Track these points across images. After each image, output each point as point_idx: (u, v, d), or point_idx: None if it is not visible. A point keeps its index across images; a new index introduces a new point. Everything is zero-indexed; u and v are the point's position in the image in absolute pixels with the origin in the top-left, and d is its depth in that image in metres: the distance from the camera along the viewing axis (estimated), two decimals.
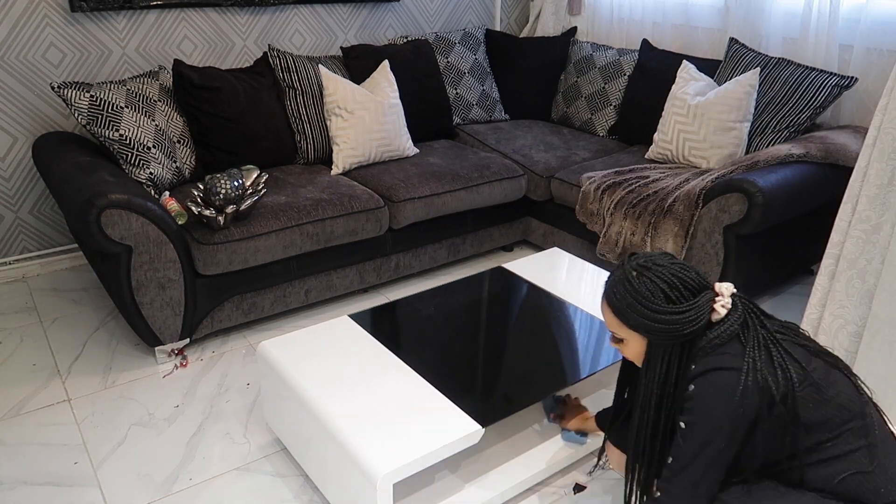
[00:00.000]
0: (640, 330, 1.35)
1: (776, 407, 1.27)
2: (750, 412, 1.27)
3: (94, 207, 2.11)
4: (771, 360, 1.29)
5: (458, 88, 3.62)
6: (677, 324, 1.31)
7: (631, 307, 1.34)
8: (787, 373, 1.28)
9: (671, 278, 1.32)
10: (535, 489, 1.92)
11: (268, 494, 1.90)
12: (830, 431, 1.29)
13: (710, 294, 1.34)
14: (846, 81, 2.67)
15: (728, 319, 1.33)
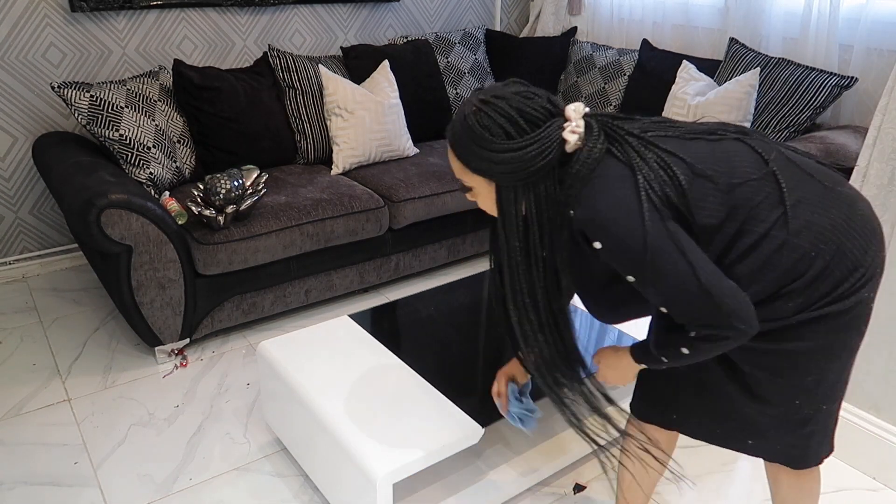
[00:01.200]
0: (485, 174, 1.19)
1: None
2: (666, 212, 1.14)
3: (94, 207, 2.11)
4: (654, 167, 1.15)
5: (458, 88, 3.62)
6: (520, 161, 1.14)
7: (468, 148, 1.17)
8: (672, 173, 1.15)
9: (509, 111, 1.14)
10: (535, 489, 1.92)
11: (268, 494, 1.90)
12: (740, 218, 1.17)
13: (558, 121, 1.16)
14: (846, 81, 2.67)
15: (588, 143, 1.16)
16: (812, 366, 1.24)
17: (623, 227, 1.13)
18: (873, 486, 1.96)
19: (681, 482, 1.95)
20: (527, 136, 1.15)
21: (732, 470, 2.01)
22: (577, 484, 1.94)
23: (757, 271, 1.18)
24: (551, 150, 1.15)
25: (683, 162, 1.17)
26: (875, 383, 1.95)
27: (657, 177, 1.15)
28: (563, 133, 1.16)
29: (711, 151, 1.20)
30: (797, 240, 1.16)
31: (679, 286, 1.13)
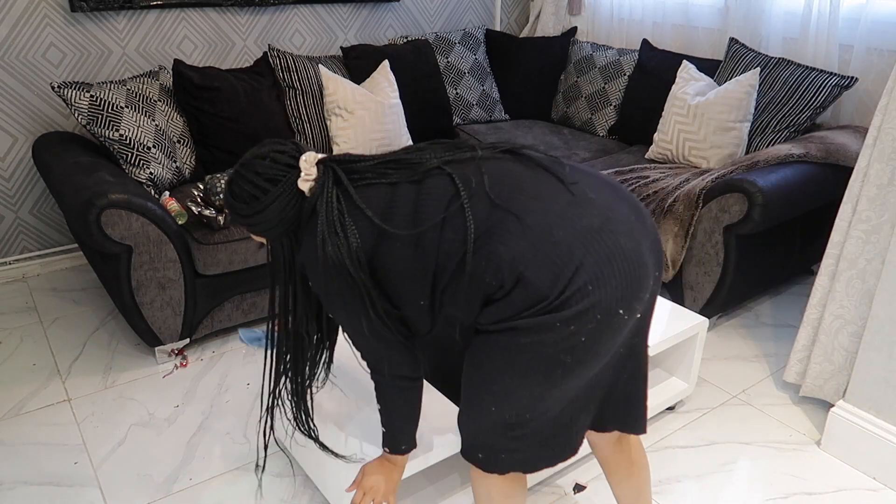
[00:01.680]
0: (260, 235, 1.33)
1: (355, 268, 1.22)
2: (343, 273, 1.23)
3: (94, 207, 2.11)
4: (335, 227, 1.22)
5: (458, 88, 3.62)
6: (273, 215, 1.26)
7: (237, 219, 1.32)
8: (345, 235, 1.22)
9: (251, 176, 1.26)
10: (535, 489, 1.92)
11: (268, 494, 1.90)
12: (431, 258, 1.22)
13: (295, 172, 1.26)
14: (846, 81, 2.67)
15: (325, 186, 1.25)
16: (495, 376, 1.25)
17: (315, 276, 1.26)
18: (873, 486, 1.96)
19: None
20: (269, 194, 1.25)
21: (732, 470, 2.01)
22: (577, 484, 1.94)
23: (459, 303, 1.23)
24: (293, 200, 1.26)
25: (370, 220, 1.23)
26: (875, 383, 1.95)
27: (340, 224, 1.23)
28: (299, 184, 1.25)
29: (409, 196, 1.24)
30: (477, 271, 1.19)
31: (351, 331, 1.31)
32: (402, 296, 1.27)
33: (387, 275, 1.25)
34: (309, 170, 1.25)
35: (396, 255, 1.23)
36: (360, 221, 1.23)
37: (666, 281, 2.64)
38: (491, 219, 1.19)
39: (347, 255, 1.21)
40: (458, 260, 1.20)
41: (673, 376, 2.26)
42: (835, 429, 2.05)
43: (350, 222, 1.23)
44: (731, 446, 2.10)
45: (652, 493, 1.92)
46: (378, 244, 1.23)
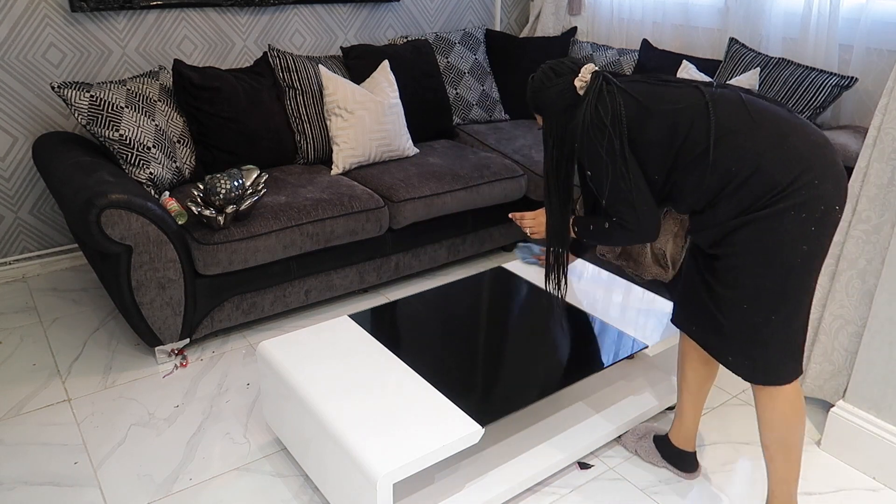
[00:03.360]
0: (538, 111, 1.75)
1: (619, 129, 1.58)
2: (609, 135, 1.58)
3: (94, 207, 2.11)
4: (604, 99, 1.60)
5: (458, 88, 3.62)
6: (550, 97, 1.69)
7: (529, 96, 1.76)
8: (615, 103, 1.58)
9: (548, 68, 1.71)
10: (535, 489, 1.92)
11: (268, 494, 1.90)
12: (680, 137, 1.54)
13: (573, 75, 1.67)
14: (846, 81, 2.67)
15: (590, 90, 1.64)
16: (747, 272, 1.52)
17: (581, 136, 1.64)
18: (873, 486, 1.96)
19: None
20: (552, 81, 1.69)
21: (732, 470, 2.01)
22: (582, 462, 1.95)
23: (696, 184, 1.54)
24: (567, 92, 1.68)
25: (634, 98, 1.59)
26: (875, 383, 1.95)
27: (602, 104, 1.60)
28: (574, 83, 1.67)
29: (668, 91, 1.60)
30: (723, 159, 1.50)
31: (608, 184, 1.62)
32: (643, 164, 1.60)
33: (638, 144, 1.58)
34: (584, 75, 1.66)
35: (652, 128, 1.56)
36: (626, 98, 1.59)
37: (666, 281, 2.64)
38: (737, 121, 1.51)
39: (612, 117, 1.57)
40: (702, 149, 1.51)
41: (673, 376, 2.26)
42: (835, 429, 2.05)
43: (617, 96, 1.59)
44: (731, 446, 2.10)
45: (652, 493, 1.92)
46: (637, 115, 1.57)
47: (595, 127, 1.59)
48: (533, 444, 1.95)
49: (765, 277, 1.51)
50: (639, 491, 1.93)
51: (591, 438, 1.98)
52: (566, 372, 1.87)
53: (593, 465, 1.99)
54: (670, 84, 1.62)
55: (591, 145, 1.61)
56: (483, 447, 1.93)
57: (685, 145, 1.53)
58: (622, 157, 1.57)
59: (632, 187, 1.59)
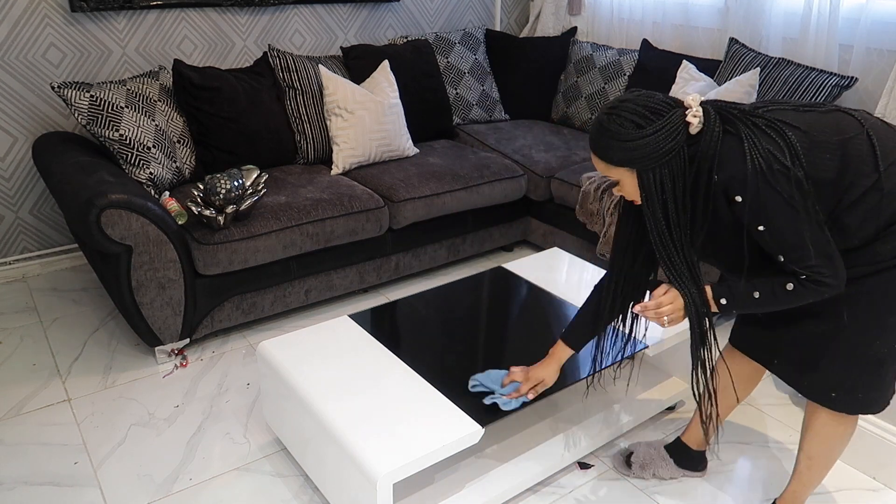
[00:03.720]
0: (625, 164, 1.40)
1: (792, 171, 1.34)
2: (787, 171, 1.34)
3: (94, 207, 2.11)
4: (766, 134, 1.36)
5: (458, 88, 3.62)
6: (653, 144, 1.36)
7: (610, 147, 1.39)
8: (784, 135, 1.36)
9: (636, 108, 1.37)
10: (535, 489, 1.92)
11: (268, 494, 1.90)
12: (850, 172, 1.37)
13: (680, 110, 1.38)
14: (846, 81, 2.67)
15: (708, 126, 1.38)
16: (891, 309, 1.45)
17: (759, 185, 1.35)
18: (873, 486, 1.96)
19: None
20: (654, 124, 1.36)
21: (732, 470, 2.01)
22: (583, 462, 1.96)
23: (863, 220, 1.39)
24: (678, 132, 1.36)
25: (798, 129, 1.37)
26: None
27: (766, 139, 1.35)
28: (686, 118, 1.37)
29: (822, 118, 1.42)
30: (894, 190, 1.37)
31: (800, 236, 1.35)
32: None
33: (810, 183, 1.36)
34: (697, 108, 1.38)
35: (823, 163, 1.36)
36: (793, 131, 1.36)
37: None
38: (894, 145, 1.39)
39: (789, 154, 1.34)
40: (872, 182, 1.37)
41: (673, 376, 2.26)
42: None
43: (783, 129, 1.36)
44: (731, 446, 2.10)
45: (652, 493, 1.92)
46: (810, 150, 1.36)
47: (774, 171, 1.33)
48: (533, 444, 1.95)
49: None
50: (639, 491, 1.93)
51: (591, 438, 1.98)
52: (566, 372, 1.87)
53: (593, 465, 1.99)
54: (817, 110, 1.44)
55: (770, 194, 1.34)
56: (483, 447, 1.93)
57: (854, 180, 1.37)
58: (813, 200, 1.34)
59: (829, 238, 1.36)
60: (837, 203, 1.39)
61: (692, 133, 1.38)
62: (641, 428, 2.17)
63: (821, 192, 1.36)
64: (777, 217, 1.35)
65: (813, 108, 1.44)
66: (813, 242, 1.35)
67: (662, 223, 1.43)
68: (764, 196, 1.34)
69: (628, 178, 1.43)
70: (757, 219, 1.37)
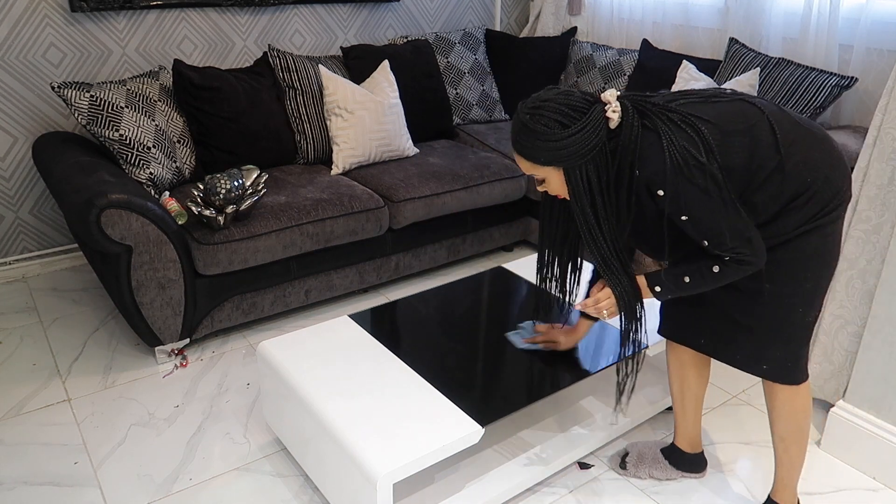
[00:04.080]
0: (553, 162, 1.45)
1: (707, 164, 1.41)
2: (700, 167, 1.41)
3: (94, 207, 2.11)
4: (682, 129, 1.42)
5: (458, 88, 3.62)
6: (579, 142, 1.41)
7: (535, 147, 1.44)
8: (697, 129, 1.42)
9: (558, 107, 1.41)
10: (535, 489, 1.92)
11: (268, 494, 1.90)
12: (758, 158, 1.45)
13: (599, 106, 1.43)
14: (846, 81, 2.67)
15: (626, 120, 1.43)
16: (809, 272, 1.53)
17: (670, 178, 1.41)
18: (873, 486, 1.96)
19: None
20: (577, 122, 1.41)
21: (732, 470, 2.01)
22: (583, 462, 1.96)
23: (769, 198, 1.47)
24: (600, 128, 1.42)
25: (710, 122, 1.44)
26: (875, 383, 1.95)
27: (683, 136, 1.41)
28: (606, 113, 1.42)
29: (728, 108, 1.49)
30: (796, 171, 1.46)
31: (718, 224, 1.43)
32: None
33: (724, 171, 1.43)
34: (615, 103, 1.43)
35: (735, 151, 1.43)
36: (704, 124, 1.43)
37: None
38: (794, 132, 1.48)
39: (704, 148, 1.41)
40: (775, 164, 1.44)
41: None
42: (835, 429, 2.05)
43: (695, 122, 1.42)
44: (731, 446, 2.10)
45: (652, 493, 1.92)
46: (721, 141, 1.42)
47: (690, 166, 1.40)
48: (533, 445, 1.95)
49: (822, 277, 1.55)
50: (639, 491, 1.93)
51: (591, 438, 1.98)
52: (566, 372, 1.87)
53: (593, 465, 1.99)
54: (722, 101, 1.51)
55: (688, 187, 1.40)
56: (483, 447, 1.93)
57: (761, 163, 1.45)
58: (727, 189, 1.42)
59: (746, 220, 1.44)
60: (747, 185, 1.46)
61: (612, 128, 1.44)
62: (641, 428, 2.17)
63: (734, 178, 1.44)
64: (696, 208, 1.42)
65: (719, 99, 1.51)
66: (730, 228, 1.43)
67: (592, 218, 1.49)
68: (683, 190, 1.41)
69: (555, 176, 1.49)
70: (679, 210, 1.43)
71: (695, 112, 1.45)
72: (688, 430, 1.93)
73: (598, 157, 1.44)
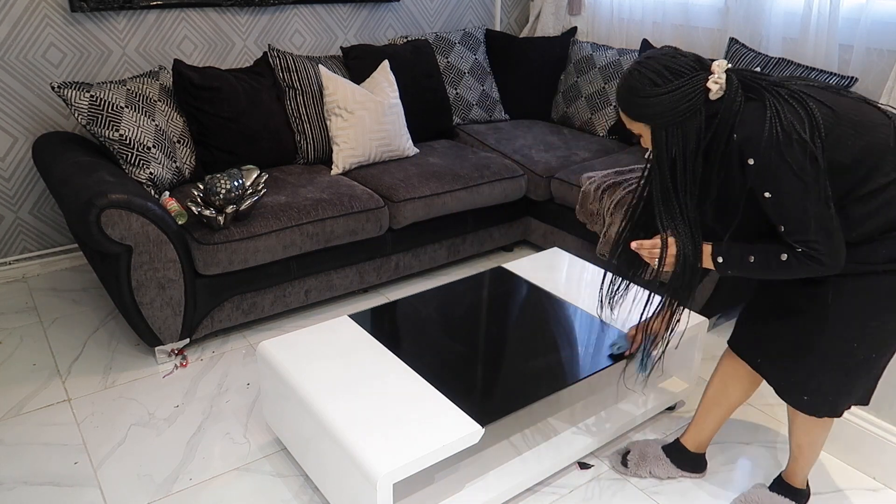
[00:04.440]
0: (640, 119, 1.44)
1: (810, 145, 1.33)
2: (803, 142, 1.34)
3: (94, 207, 2.11)
4: (790, 104, 1.36)
5: (458, 88, 3.62)
6: (667, 103, 1.39)
7: (627, 101, 1.45)
8: (807, 107, 1.35)
9: (657, 66, 1.40)
10: (535, 489, 1.92)
11: (268, 494, 1.90)
12: (868, 163, 1.36)
13: (703, 74, 1.39)
14: (846, 81, 2.67)
15: (729, 93, 1.39)
16: (880, 313, 1.46)
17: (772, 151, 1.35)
18: (873, 486, 1.96)
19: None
20: (671, 83, 1.39)
21: (732, 470, 2.01)
22: (583, 462, 1.96)
23: (868, 215, 1.39)
24: (695, 95, 1.38)
25: (825, 105, 1.37)
26: None
27: (790, 110, 1.35)
28: (706, 83, 1.38)
29: (850, 102, 1.41)
30: None
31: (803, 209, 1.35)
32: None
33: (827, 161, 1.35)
34: (720, 74, 1.39)
35: (845, 144, 1.35)
36: (819, 106, 1.35)
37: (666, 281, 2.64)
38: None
39: (809, 127, 1.33)
40: (890, 180, 1.36)
41: (673, 376, 2.26)
42: (835, 429, 2.05)
43: (807, 101, 1.36)
44: (731, 446, 2.10)
45: (652, 493, 1.92)
46: (833, 127, 1.35)
47: (790, 140, 1.33)
48: (533, 444, 1.95)
49: (890, 322, 1.48)
50: (639, 491, 1.93)
51: (591, 438, 1.98)
52: (566, 372, 1.87)
53: (593, 465, 1.99)
54: (845, 95, 1.43)
55: (781, 162, 1.34)
56: (483, 447, 1.93)
57: (871, 173, 1.37)
58: (824, 177, 1.34)
59: (833, 216, 1.36)
60: (849, 191, 1.38)
61: (712, 99, 1.39)
62: (641, 428, 2.17)
63: (834, 175, 1.36)
64: (785, 186, 1.35)
65: (842, 93, 1.43)
66: (815, 217, 1.35)
67: (668, 181, 1.46)
68: (776, 163, 1.34)
69: (646, 133, 1.47)
70: (764, 184, 1.37)
71: (811, 93, 1.39)
72: (702, 433, 1.93)
73: (689, 122, 1.40)
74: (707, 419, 1.90)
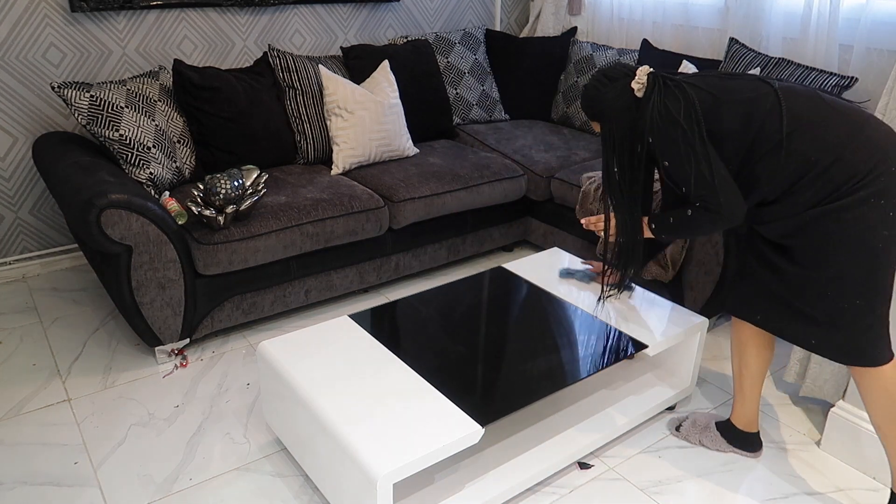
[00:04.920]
0: (595, 118, 1.82)
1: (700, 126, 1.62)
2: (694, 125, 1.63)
3: (94, 207, 2.11)
4: (672, 93, 1.65)
5: (458, 88, 3.62)
6: (606, 103, 1.75)
7: (584, 103, 1.84)
8: (687, 97, 1.63)
9: (599, 75, 1.79)
10: (535, 489, 1.92)
11: (268, 494, 1.90)
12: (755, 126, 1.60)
13: (631, 77, 1.71)
14: (846, 81, 2.67)
15: (648, 91, 1.68)
16: (830, 260, 1.60)
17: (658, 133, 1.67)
18: (873, 486, 1.96)
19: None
20: (608, 87, 1.76)
21: (732, 470, 2.01)
22: (583, 462, 1.96)
23: (771, 172, 1.60)
24: (624, 95, 1.72)
25: (702, 90, 1.65)
26: None
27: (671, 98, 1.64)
28: (632, 85, 1.70)
29: (737, 83, 1.68)
30: (801, 148, 1.57)
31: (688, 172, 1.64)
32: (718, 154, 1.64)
33: (713, 135, 1.63)
34: (641, 77, 1.70)
35: (727, 118, 1.62)
36: (697, 91, 1.64)
37: (666, 281, 2.64)
38: (812, 112, 1.58)
39: (685, 109, 1.62)
40: (778, 139, 1.58)
41: (674, 376, 2.26)
42: (835, 429, 2.05)
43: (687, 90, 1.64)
44: None
45: (652, 493, 1.92)
46: (712, 106, 1.63)
47: (666, 121, 1.63)
48: (533, 444, 1.95)
49: (848, 263, 1.59)
50: (639, 491, 1.93)
51: (591, 438, 1.98)
52: (566, 372, 1.87)
53: (593, 465, 1.99)
54: (737, 78, 1.70)
55: (665, 138, 1.65)
56: (483, 447, 1.93)
57: (760, 135, 1.60)
58: (701, 143, 1.61)
59: (713, 171, 1.61)
60: (748, 153, 1.62)
61: (639, 97, 1.70)
62: (641, 428, 2.17)
63: (727, 141, 1.63)
64: (668, 156, 1.67)
65: (736, 77, 1.71)
66: (697, 177, 1.63)
67: (612, 165, 1.79)
68: (659, 139, 1.66)
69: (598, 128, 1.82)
70: (662, 156, 1.69)
71: (697, 83, 1.67)
72: (744, 408, 2.00)
73: (623, 117, 1.72)
74: (743, 392, 1.98)
